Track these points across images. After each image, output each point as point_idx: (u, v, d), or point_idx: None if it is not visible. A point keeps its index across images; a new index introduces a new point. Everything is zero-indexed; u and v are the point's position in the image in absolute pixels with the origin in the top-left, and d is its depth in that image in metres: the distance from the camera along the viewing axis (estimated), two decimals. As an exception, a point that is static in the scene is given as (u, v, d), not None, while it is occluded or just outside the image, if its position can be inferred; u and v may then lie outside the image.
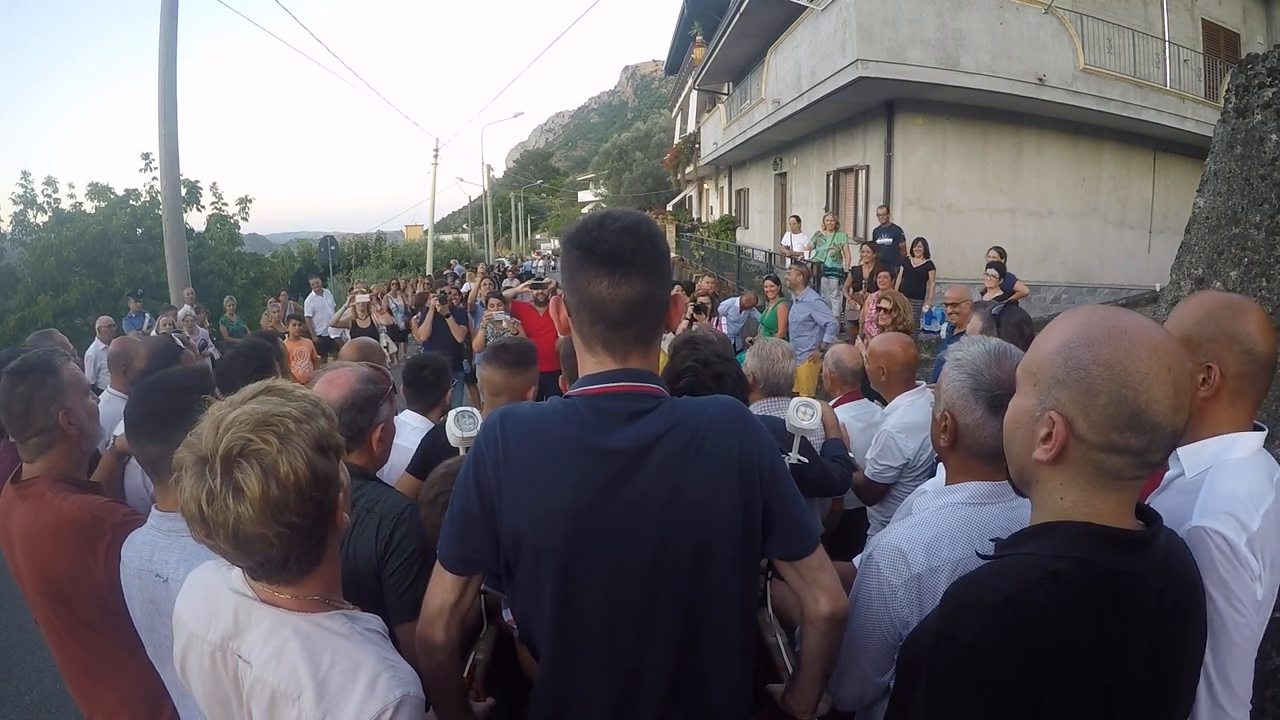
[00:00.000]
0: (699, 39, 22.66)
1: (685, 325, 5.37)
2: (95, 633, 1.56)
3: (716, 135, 18.63)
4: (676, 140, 30.01)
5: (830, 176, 13.28)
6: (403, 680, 0.96)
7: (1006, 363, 1.24)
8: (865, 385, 3.00)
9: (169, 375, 1.56)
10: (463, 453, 1.77)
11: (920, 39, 9.41)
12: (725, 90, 20.01)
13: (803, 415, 1.99)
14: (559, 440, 1.06)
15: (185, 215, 14.29)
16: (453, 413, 1.82)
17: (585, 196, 71.55)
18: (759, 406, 2.38)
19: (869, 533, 2.58)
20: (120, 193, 16.93)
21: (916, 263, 8.16)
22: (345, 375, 1.63)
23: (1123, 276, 11.13)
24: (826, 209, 12.34)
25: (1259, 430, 1.22)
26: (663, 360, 1.82)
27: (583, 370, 1.13)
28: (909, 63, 9.36)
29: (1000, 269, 6.79)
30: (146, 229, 16.33)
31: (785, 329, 6.57)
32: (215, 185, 18.20)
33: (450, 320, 6.74)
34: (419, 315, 7.21)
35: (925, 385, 2.75)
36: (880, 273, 7.58)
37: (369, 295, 9.46)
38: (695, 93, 23.61)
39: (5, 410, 1.63)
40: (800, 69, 11.47)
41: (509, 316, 6.02)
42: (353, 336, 7.36)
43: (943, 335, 6.39)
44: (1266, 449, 1.22)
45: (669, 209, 30.31)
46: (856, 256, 9.08)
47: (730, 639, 1.11)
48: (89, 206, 16.59)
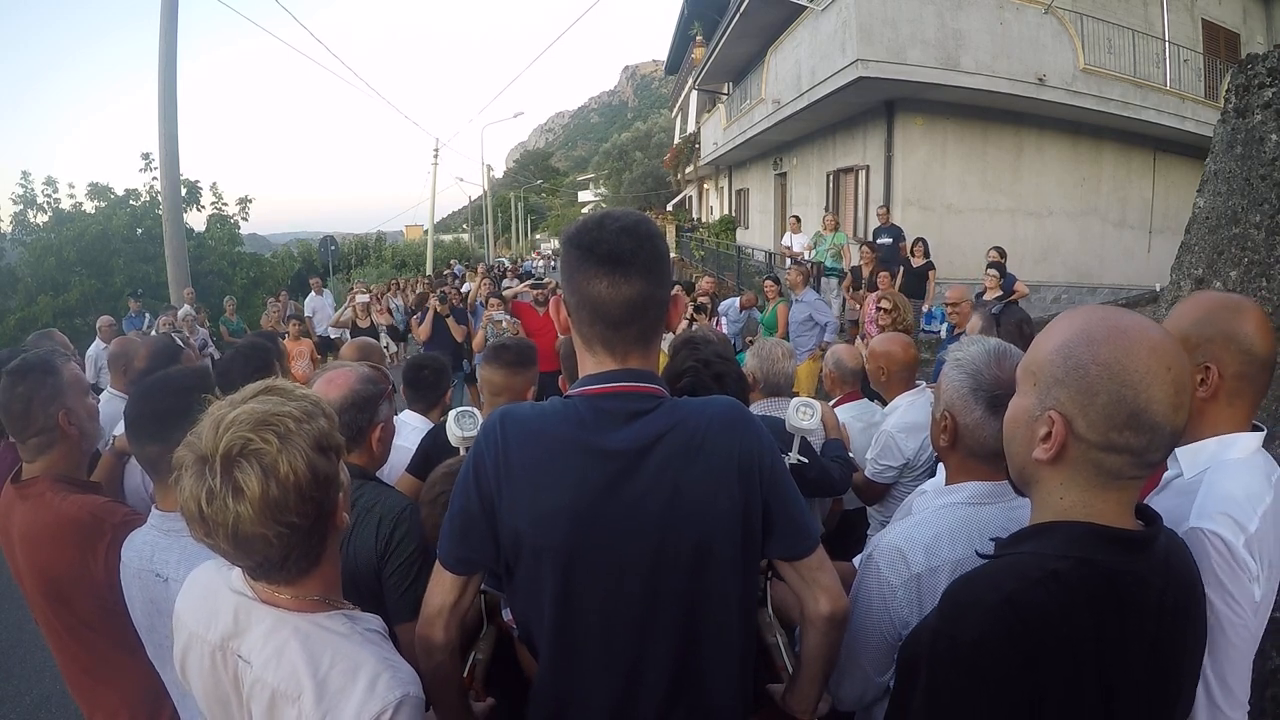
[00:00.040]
0: (699, 39, 22.66)
1: (685, 325, 5.37)
2: (95, 633, 1.56)
3: (716, 135, 18.63)
4: (676, 140, 30.00)
5: (830, 176, 13.28)
6: (403, 680, 0.96)
7: (1006, 363, 1.24)
8: (865, 385, 3.00)
9: (169, 375, 1.56)
10: (463, 453, 1.77)
11: (920, 39, 9.41)
12: (725, 90, 20.01)
13: (803, 415, 1.99)
14: (559, 440, 1.06)
15: (185, 215, 14.30)
16: (453, 413, 1.82)
17: (585, 196, 71.54)
18: (759, 406, 2.38)
19: (869, 533, 2.58)
20: (120, 193, 16.95)
21: (916, 263, 8.17)
22: (345, 375, 1.63)
23: (1123, 276, 11.13)
24: (826, 209, 12.34)
25: (1258, 430, 1.21)
26: (663, 360, 1.82)
27: (583, 370, 1.13)
28: (909, 63, 9.36)
29: (1000, 269, 6.80)
30: (146, 229, 16.33)
31: (785, 329, 6.57)
32: (215, 185, 18.27)
33: (450, 320, 6.74)
34: (419, 315, 7.20)
35: (925, 385, 2.75)
36: (880, 273, 7.58)
37: (369, 295, 9.47)
38: (695, 93, 23.60)
39: (5, 410, 1.63)
40: (800, 69, 11.47)
41: (509, 316, 6.02)
42: (353, 336, 7.37)
43: (943, 335, 6.39)
44: (1266, 449, 1.22)
45: (669, 209, 30.31)
46: (856, 256, 9.08)
47: (730, 639, 1.11)
48: (89, 206, 16.61)
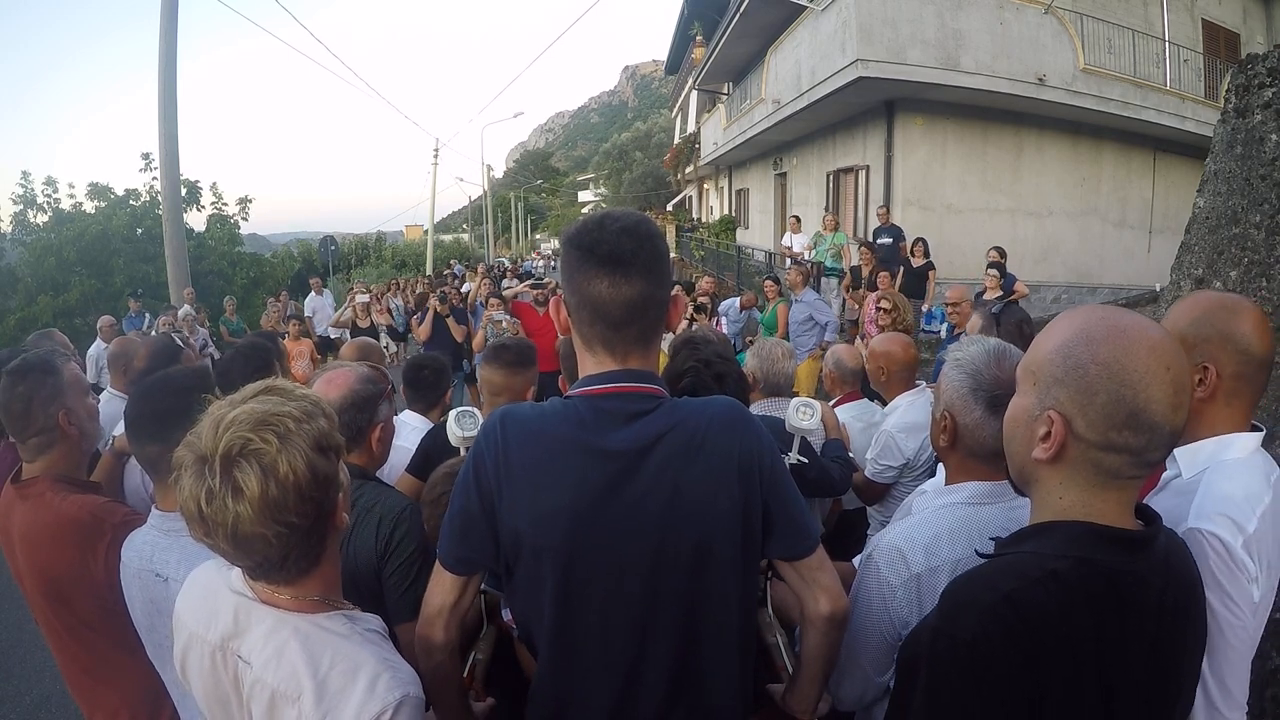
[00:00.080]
0: (699, 39, 22.65)
1: (685, 325, 5.37)
2: (95, 633, 1.56)
3: (716, 135, 18.62)
4: (676, 140, 30.00)
5: (830, 176, 13.28)
6: (403, 681, 0.96)
7: (1006, 363, 1.24)
8: (865, 385, 3.00)
9: (169, 375, 1.56)
10: (463, 453, 1.77)
11: (920, 39, 9.41)
12: (725, 90, 20.00)
13: (803, 415, 1.99)
14: (559, 440, 1.06)
15: (185, 215, 14.30)
16: (453, 413, 1.82)
17: (585, 196, 71.55)
18: (759, 406, 2.38)
19: (869, 533, 2.58)
20: (120, 193, 16.94)
21: (916, 263, 8.17)
22: (344, 375, 1.63)
23: (1123, 276, 11.13)
24: (826, 209, 12.34)
25: (1257, 430, 1.21)
26: (663, 360, 1.82)
27: (583, 370, 1.13)
28: (909, 63, 9.36)
29: (1000, 269, 6.80)
30: (146, 229, 16.33)
31: (785, 329, 6.57)
32: (215, 185, 18.26)
33: (450, 320, 6.74)
34: (419, 315, 7.20)
35: (925, 385, 2.75)
36: (880, 273, 7.58)
37: (369, 295, 9.47)
38: (695, 93, 23.60)
39: (5, 410, 1.63)
40: (800, 69, 11.47)
41: (509, 316, 6.02)
42: (353, 336, 7.37)
43: (943, 335, 6.39)
44: (1266, 449, 1.22)
45: (669, 209, 30.30)
46: (856, 257, 9.08)
47: (730, 639, 1.11)
48: (89, 206, 16.60)
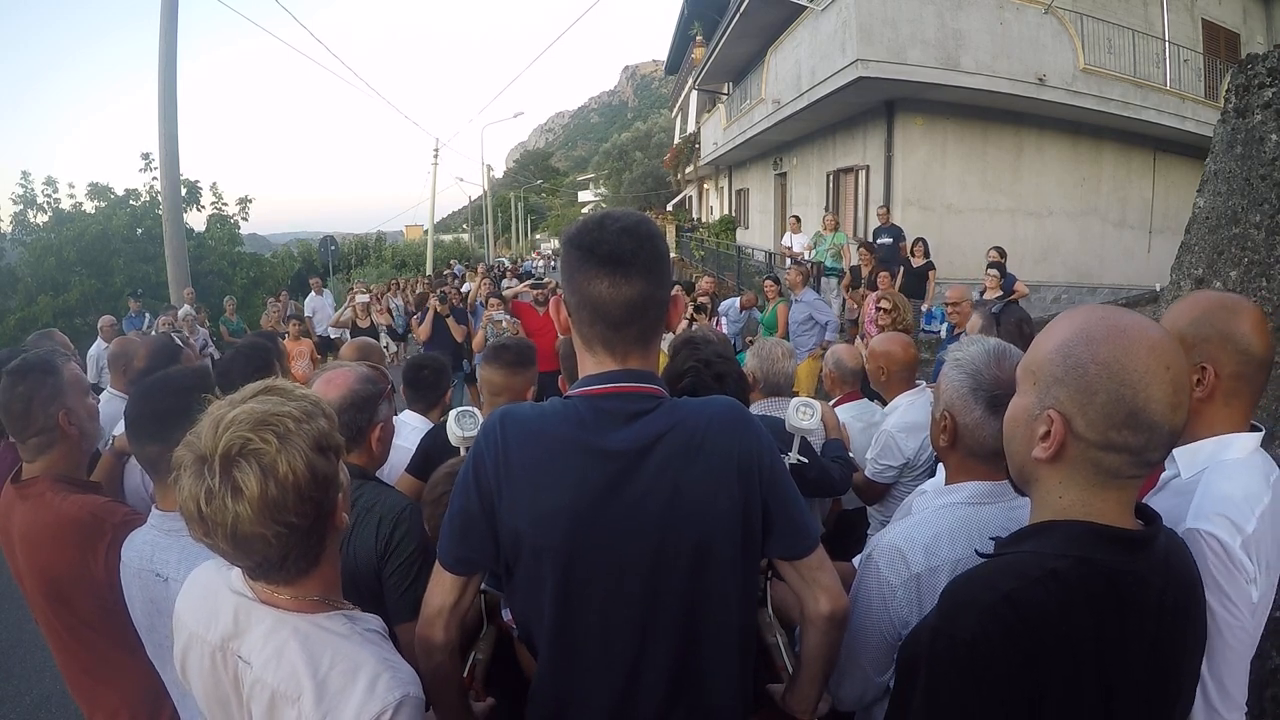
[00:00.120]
0: (699, 39, 22.65)
1: (685, 325, 5.37)
2: (95, 632, 1.56)
3: (716, 135, 18.62)
4: (676, 140, 30.00)
5: (830, 176, 13.28)
6: (402, 681, 0.96)
7: (1006, 362, 1.24)
8: (865, 385, 3.00)
9: (169, 375, 1.56)
10: (463, 453, 1.77)
11: (920, 39, 9.41)
12: (725, 90, 20.00)
13: (803, 415, 1.99)
14: (559, 440, 1.06)
15: (185, 215, 14.30)
16: (453, 413, 1.82)
17: (585, 196, 71.55)
18: (759, 406, 2.38)
19: (869, 533, 2.58)
20: (120, 193, 16.94)
21: (916, 263, 8.17)
22: (344, 375, 1.63)
23: (1123, 276, 11.13)
24: (826, 209, 12.34)
25: (1256, 431, 1.21)
26: (662, 360, 1.82)
27: (583, 370, 1.13)
28: (909, 63, 9.36)
29: (1000, 269, 6.80)
30: (146, 229, 16.32)
31: (785, 329, 6.57)
32: (215, 185, 18.26)
33: (450, 320, 6.74)
34: (419, 315, 7.20)
35: (925, 385, 2.75)
36: (880, 273, 7.58)
37: (369, 295, 9.47)
38: (695, 93, 23.60)
39: (5, 410, 1.63)
40: (800, 69, 11.47)
41: (509, 316, 6.02)
42: (353, 336, 7.37)
43: (943, 335, 6.39)
44: (1265, 449, 1.22)
45: (669, 209, 30.30)
46: (855, 257, 9.09)
47: (730, 639, 1.11)
48: (89, 206, 16.60)
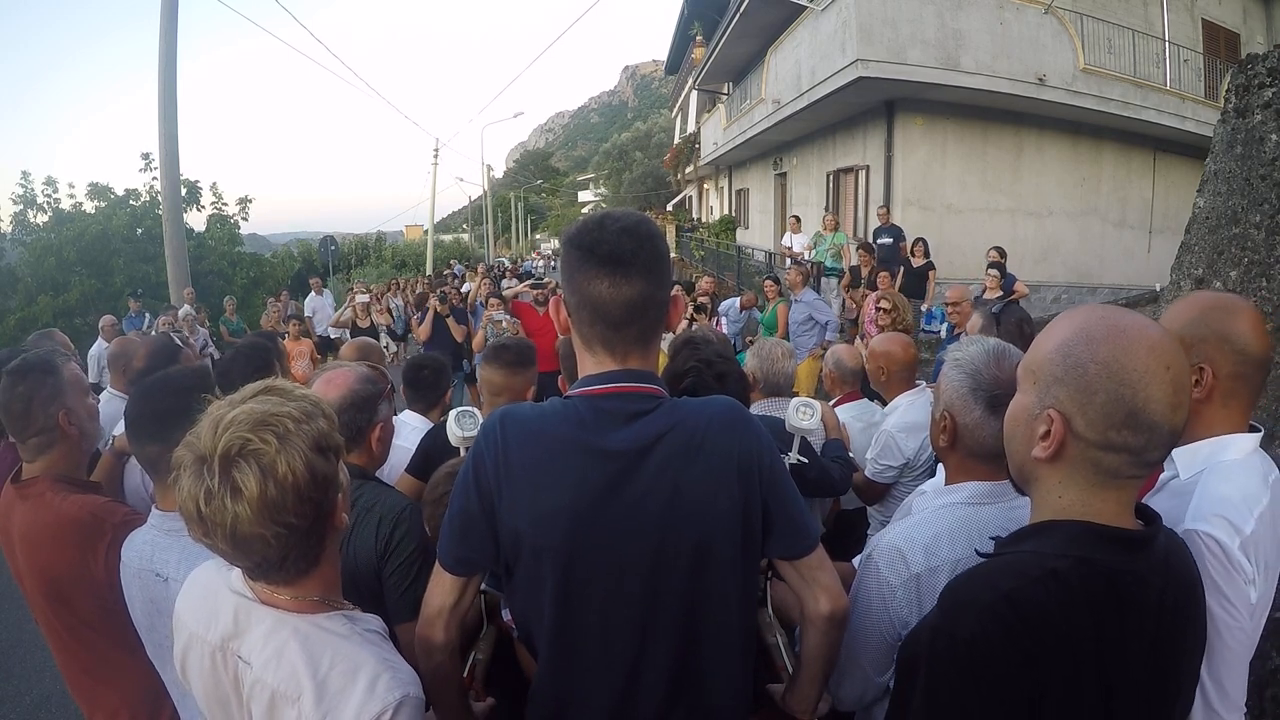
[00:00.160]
0: (699, 39, 22.65)
1: (685, 325, 5.37)
2: (95, 632, 1.56)
3: (716, 135, 18.62)
4: (676, 140, 29.99)
5: (830, 176, 13.28)
6: (402, 681, 0.96)
7: (1005, 362, 1.24)
8: (865, 385, 3.01)
9: (169, 375, 1.56)
10: (463, 453, 1.77)
11: (920, 39, 9.41)
12: (725, 90, 20.00)
13: (802, 415, 1.98)
14: (559, 440, 1.06)
15: (185, 215, 14.30)
16: (453, 413, 1.82)
17: (585, 196, 71.55)
18: (759, 406, 2.38)
19: (869, 533, 2.58)
20: (120, 193, 16.94)
21: (917, 263, 8.17)
22: (343, 375, 1.63)
23: (1123, 276, 11.13)
24: (826, 209, 12.35)
25: (1255, 431, 1.21)
26: (662, 360, 1.82)
27: (582, 370, 1.13)
28: (909, 63, 9.36)
29: (1000, 269, 6.80)
30: (146, 229, 16.33)
31: (785, 329, 6.57)
32: (215, 185, 18.27)
33: (450, 320, 6.74)
34: (419, 315, 7.20)
35: (925, 385, 2.75)
36: (880, 273, 7.58)
37: (369, 295, 9.48)
38: (695, 93, 23.59)
39: (5, 410, 1.63)
40: (800, 69, 11.47)
41: (509, 316, 6.02)
42: (352, 336, 7.37)
43: (943, 335, 6.39)
44: (1266, 450, 1.22)
45: (669, 209, 30.30)
46: (855, 257, 9.09)
47: (730, 639, 1.11)
48: (89, 206, 16.60)
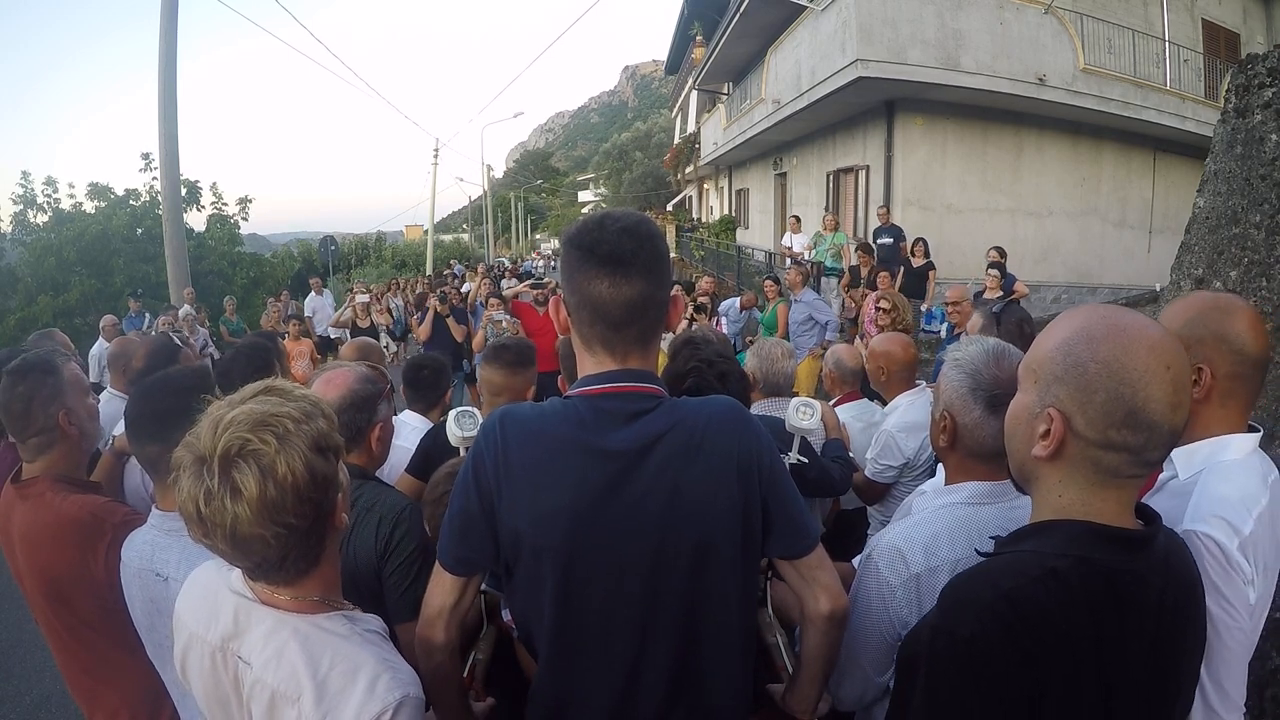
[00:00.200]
0: (699, 39, 22.65)
1: (685, 325, 5.37)
2: (95, 632, 1.56)
3: (716, 135, 18.62)
4: (676, 140, 29.99)
5: (830, 176, 13.28)
6: (402, 681, 0.96)
7: (1005, 362, 1.24)
8: (865, 385, 3.01)
9: (169, 375, 1.56)
10: (463, 453, 1.77)
11: (920, 39, 9.41)
12: (725, 90, 20.00)
13: (802, 415, 1.98)
14: (559, 440, 1.06)
15: (185, 215, 14.31)
16: (453, 413, 1.82)
17: (585, 196, 71.55)
18: (759, 406, 2.38)
19: (869, 533, 2.58)
20: (120, 193, 16.95)
21: (917, 263, 8.17)
22: (343, 375, 1.63)
23: (1123, 276, 11.14)
24: (826, 209, 12.35)
25: (1254, 431, 1.21)
26: (662, 360, 1.82)
27: (582, 370, 1.13)
28: (909, 63, 9.36)
29: (1001, 269, 6.80)
30: (146, 229, 16.33)
31: (785, 329, 6.57)
32: (215, 185, 18.29)
33: (450, 320, 6.74)
34: (419, 315, 7.20)
35: (925, 385, 2.75)
36: (880, 273, 7.58)
37: (369, 295, 9.48)
38: (695, 93, 23.59)
39: (5, 410, 1.63)
40: (800, 69, 11.47)
41: (509, 316, 6.02)
42: (352, 336, 7.37)
43: (943, 335, 6.38)
44: (1265, 450, 1.22)
45: (669, 209, 30.29)
46: (855, 257, 9.10)
47: (730, 639, 1.11)
48: (89, 206, 16.60)
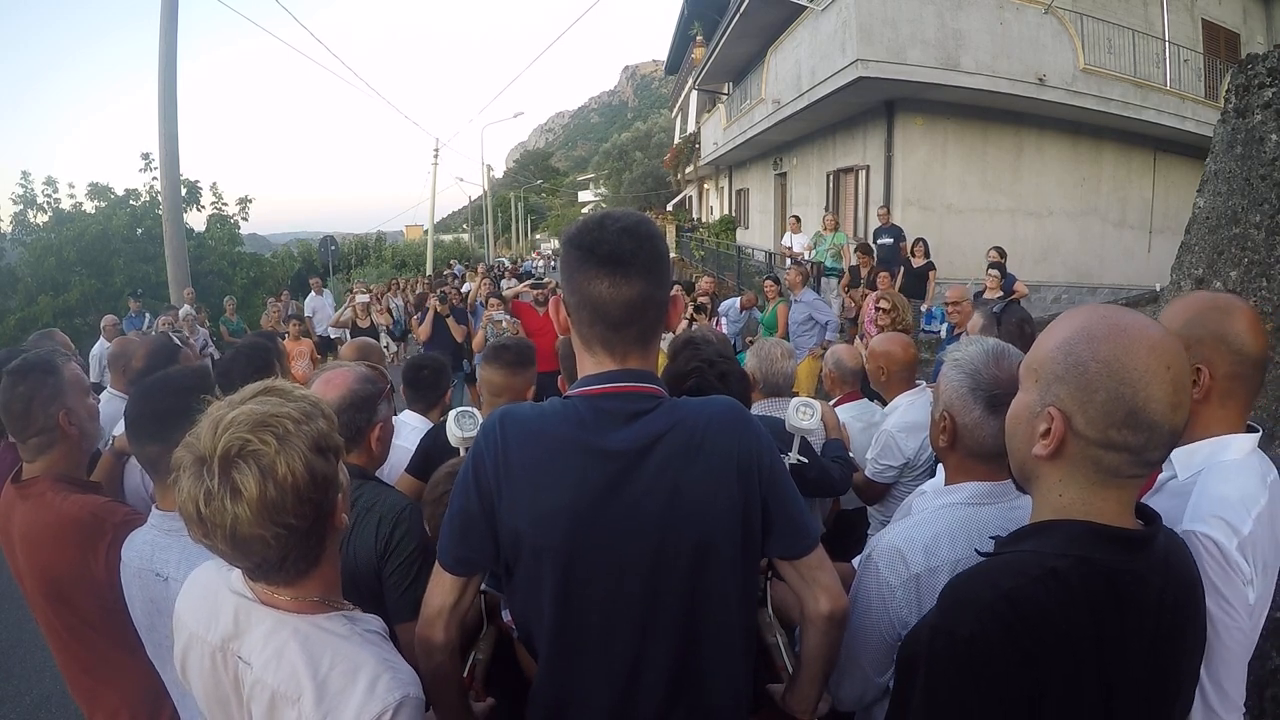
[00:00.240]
0: (699, 39, 22.65)
1: (685, 325, 5.37)
2: (96, 632, 1.56)
3: (716, 135, 18.62)
4: (676, 140, 29.99)
5: (830, 176, 13.28)
6: (403, 681, 0.96)
7: (1004, 362, 1.24)
8: (865, 385, 3.01)
9: (169, 375, 1.56)
10: (463, 453, 1.77)
11: (920, 39, 9.41)
12: (725, 90, 20.00)
13: (802, 415, 1.98)
14: (559, 440, 1.06)
15: (185, 215, 14.31)
16: (453, 413, 1.82)
17: (585, 196, 71.56)
18: (759, 406, 2.38)
19: (869, 533, 2.58)
20: (120, 193, 16.95)
21: (917, 263, 8.17)
22: (343, 375, 1.64)
23: (1123, 276, 11.14)
24: (826, 209, 12.35)
25: (1253, 431, 1.21)
26: (662, 360, 1.82)
27: (582, 370, 1.13)
28: (909, 63, 9.37)
29: (1001, 269, 6.81)
30: (146, 229, 16.34)
31: (785, 329, 6.57)
32: (215, 185, 18.31)
33: (450, 320, 6.74)
34: (419, 315, 7.20)
35: (925, 385, 2.74)
36: (880, 273, 7.59)
37: (369, 295, 9.48)
38: (695, 93, 23.59)
39: (6, 410, 1.63)
40: (800, 69, 11.47)
41: (509, 316, 6.02)
42: (352, 336, 7.37)
43: (943, 335, 6.39)
44: (1265, 450, 1.22)
45: (669, 209, 30.29)
46: (854, 257, 9.10)
47: (730, 639, 1.11)
48: (89, 206, 16.61)
